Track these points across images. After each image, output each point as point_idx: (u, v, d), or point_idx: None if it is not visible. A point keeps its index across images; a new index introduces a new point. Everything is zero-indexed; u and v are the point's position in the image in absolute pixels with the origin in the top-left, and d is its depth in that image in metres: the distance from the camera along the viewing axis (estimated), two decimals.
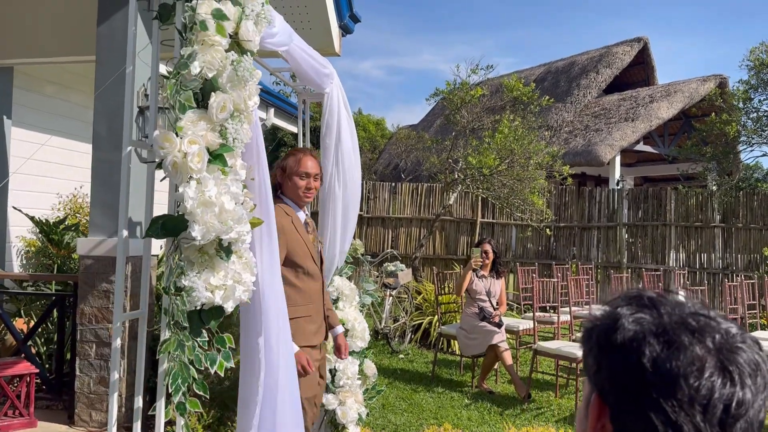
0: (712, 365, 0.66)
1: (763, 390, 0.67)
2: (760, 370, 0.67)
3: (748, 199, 10.49)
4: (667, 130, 15.42)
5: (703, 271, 10.48)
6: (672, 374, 0.66)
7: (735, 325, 0.71)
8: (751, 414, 0.65)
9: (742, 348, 0.68)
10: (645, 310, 0.73)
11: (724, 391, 0.65)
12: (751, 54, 10.60)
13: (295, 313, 2.87)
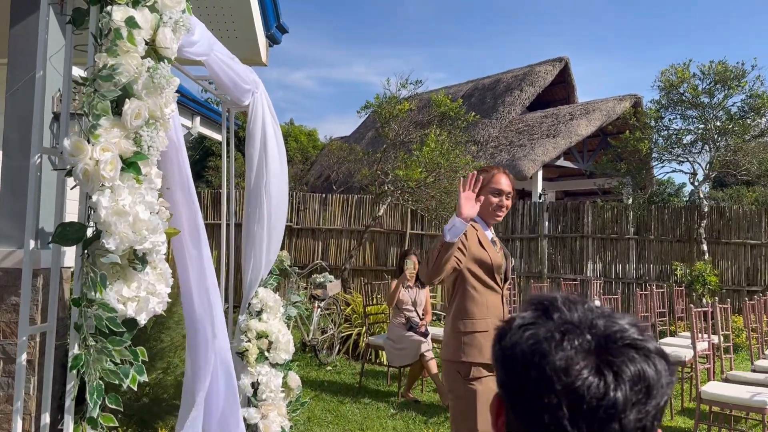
0: (586, 366, 0.68)
1: (643, 397, 0.68)
2: (644, 378, 0.68)
3: (660, 212, 11.15)
4: (586, 147, 16.19)
5: (618, 280, 11.03)
6: (546, 374, 0.69)
7: (637, 331, 0.73)
8: (624, 418, 0.67)
9: (630, 353, 0.70)
10: (536, 315, 0.76)
11: (595, 392, 0.67)
12: (662, 75, 11.30)
13: (473, 326, 2.78)
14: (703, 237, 10.41)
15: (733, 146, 10.83)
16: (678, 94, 11.15)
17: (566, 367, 0.69)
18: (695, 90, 10.86)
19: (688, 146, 11.29)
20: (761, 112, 10.80)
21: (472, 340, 2.75)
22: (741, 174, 11.37)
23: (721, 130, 10.70)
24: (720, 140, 10.84)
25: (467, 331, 2.76)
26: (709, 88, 10.86)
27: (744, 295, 9.95)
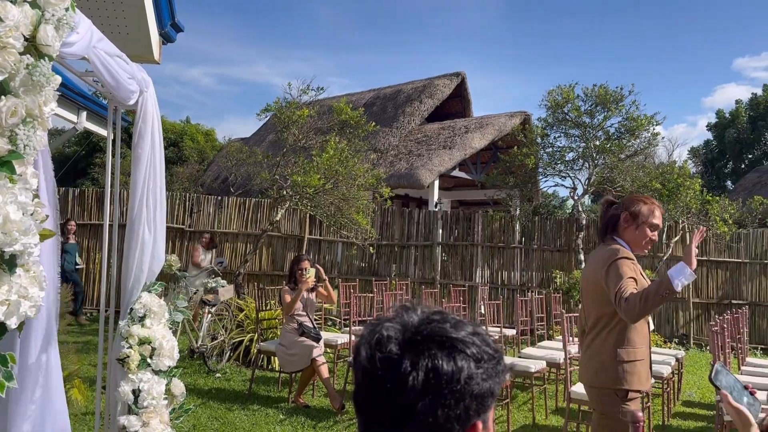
0: (395, 352, 0.83)
1: (439, 389, 0.80)
2: (439, 372, 0.81)
3: (543, 224, 11.90)
4: (480, 159, 16.93)
5: (503, 287, 11.64)
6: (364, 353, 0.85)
7: (455, 332, 0.85)
8: (419, 404, 0.80)
9: (434, 350, 0.83)
10: (395, 314, 0.90)
11: (389, 372, 0.81)
12: (549, 95, 12.07)
13: (635, 355, 2.78)
14: (581, 247, 11.21)
15: (610, 164, 11.75)
16: (563, 114, 11.95)
17: (380, 348, 0.84)
18: (578, 111, 11.69)
19: (570, 163, 12.11)
20: (635, 133, 11.80)
21: (633, 368, 2.81)
22: (616, 190, 12.35)
23: (600, 149, 11.58)
24: (598, 158, 11.73)
25: (629, 360, 2.81)
26: (590, 110, 11.74)
27: None
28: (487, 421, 0.87)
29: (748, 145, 31.86)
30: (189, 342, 7.20)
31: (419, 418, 0.80)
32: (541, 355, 6.44)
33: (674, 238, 11.20)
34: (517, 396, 6.68)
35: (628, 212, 2.95)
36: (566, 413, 4.98)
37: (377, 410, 0.82)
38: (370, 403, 0.83)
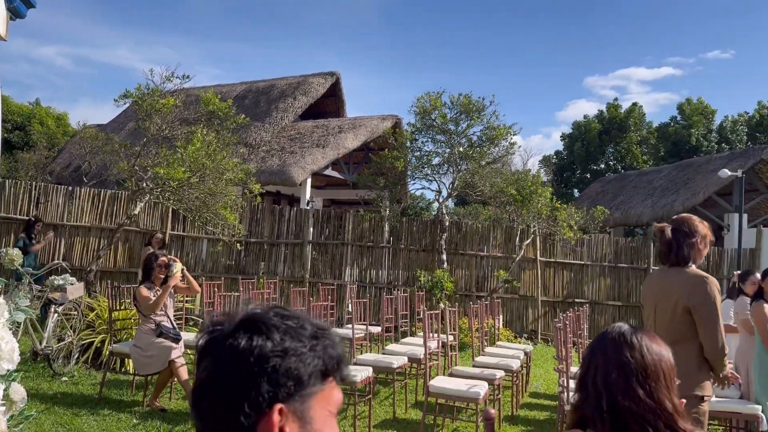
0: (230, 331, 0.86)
1: (232, 366, 0.82)
2: (237, 350, 0.83)
3: (410, 224, 12.29)
4: (352, 159, 17.13)
5: (371, 285, 11.87)
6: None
7: (277, 316, 0.87)
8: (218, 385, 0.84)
9: (241, 332, 0.85)
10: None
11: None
12: (418, 101, 12.51)
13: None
14: (444, 248, 11.73)
15: (472, 170, 12.41)
16: (430, 120, 12.43)
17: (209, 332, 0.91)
18: (444, 118, 12.22)
19: (436, 167, 12.64)
20: (495, 142, 12.55)
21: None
22: (477, 194, 13.07)
23: (463, 155, 12.19)
24: (462, 164, 12.34)
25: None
26: (455, 117, 12.32)
27: (474, 300, 11.44)
28: (303, 413, 0.83)
29: (594, 158, 35.08)
30: (32, 343, 6.58)
31: (210, 393, 0.83)
32: (404, 351, 6.66)
33: (526, 240, 12.06)
34: (380, 392, 6.85)
35: (701, 235, 3.31)
36: (424, 406, 5.19)
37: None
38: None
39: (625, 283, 12.59)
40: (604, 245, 12.65)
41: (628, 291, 12.57)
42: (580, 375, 1.55)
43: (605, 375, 1.45)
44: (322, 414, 0.86)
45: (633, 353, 1.46)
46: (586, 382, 1.50)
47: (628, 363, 1.44)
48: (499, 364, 6.28)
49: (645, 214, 16.36)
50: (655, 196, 16.74)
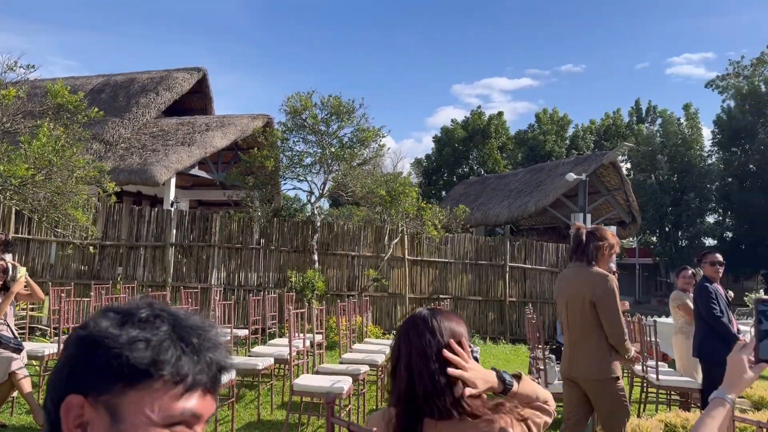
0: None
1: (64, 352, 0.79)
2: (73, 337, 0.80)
3: (281, 225, 12.17)
4: (221, 159, 16.62)
5: (240, 288, 11.61)
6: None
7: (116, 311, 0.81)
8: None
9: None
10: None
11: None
12: (288, 101, 12.42)
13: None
14: (315, 248, 11.75)
15: (344, 171, 12.55)
16: (301, 120, 12.41)
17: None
18: (315, 118, 12.25)
19: (308, 167, 12.63)
20: (365, 143, 12.79)
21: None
22: (348, 195, 13.23)
23: (335, 156, 12.30)
24: (333, 165, 12.44)
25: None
26: (326, 118, 12.39)
27: (346, 299, 11.57)
28: (114, 408, 0.75)
29: (459, 162, 36.84)
30: None
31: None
32: (271, 353, 6.59)
33: (394, 240, 12.41)
34: (245, 395, 6.73)
35: (607, 241, 3.81)
36: (288, 405, 5.18)
37: None
38: None
39: (485, 279, 13.36)
40: (466, 243, 13.33)
41: (487, 286, 13.34)
42: (390, 362, 1.65)
43: (408, 363, 1.56)
44: (138, 417, 0.74)
45: (433, 336, 1.57)
46: (395, 367, 1.61)
47: (428, 346, 1.56)
48: (365, 359, 6.41)
49: (503, 214, 17.47)
50: (511, 198, 17.93)
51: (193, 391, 0.78)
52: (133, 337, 0.76)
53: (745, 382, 1.46)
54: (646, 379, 6.31)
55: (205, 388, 0.80)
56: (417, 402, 1.53)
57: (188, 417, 0.77)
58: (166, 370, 0.76)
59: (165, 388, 0.76)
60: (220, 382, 0.83)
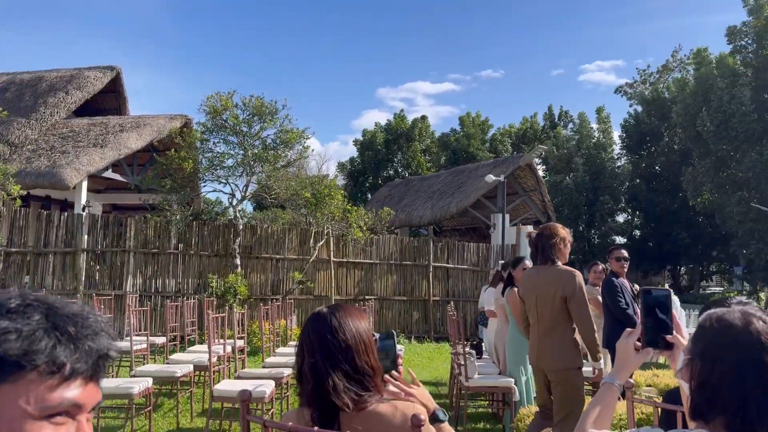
0: None
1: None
2: None
3: (201, 228, 11.85)
4: (137, 161, 15.98)
5: (157, 294, 11.19)
6: None
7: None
8: None
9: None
10: None
11: None
12: (208, 100, 12.12)
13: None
14: (237, 252, 11.51)
15: (267, 173, 12.37)
16: (222, 121, 12.13)
17: None
18: (236, 119, 12.02)
19: (230, 169, 12.36)
20: (289, 145, 12.66)
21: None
22: (272, 197, 13.05)
23: (257, 157, 12.10)
24: (256, 166, 12.23)
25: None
26: (248, 119, 12.18)
27: (269, 303, 11.41)
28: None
29: (383, 164, 37.14)
30: None
31: None
32: (190, 360, 6.40)
33: (320, 242, 12.36)
34: (164, 404, 6.50)
35: (560, 237, 3.97)
36: (209, 411, 5.05)
37: None
38: None
39: (410, 279, 13.53)
40: (390, 245, 13.46)
41: (412, 286, 13.52)
42: (296, 364, 1.68)
43: (313, 365, 1.60)
44: (14, 411, 0.72)
45: (334, 335, 1.62)
46: (300, 369, 1.64)
47: (330, 346, 1.60)
48: (289, 363, 6.34)
49: (426, 216, 17.77)
50: (434, 199, 18.27)
51: (71, 381, 0.76)
52: (3, 329, 0.73)
53: (632, 366, 1.59)
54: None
55: (86, 377, 0.77)
56: (328, 398, 1.56)
57: (68, 407, 0.75)
58: (39, 360, 0.73)
59: (40, 379, 0.73)
60: (103, 370, 0.81)
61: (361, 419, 1.55)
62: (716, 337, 1.30)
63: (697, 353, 1.32)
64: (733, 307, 1.33)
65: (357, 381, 1.58)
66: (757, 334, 1.26)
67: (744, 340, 1.26)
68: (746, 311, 1.32)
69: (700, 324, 1.38)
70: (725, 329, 1.29)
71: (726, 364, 1.26)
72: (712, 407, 1.25)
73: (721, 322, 1.31)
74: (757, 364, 1.23)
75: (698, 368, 1.30)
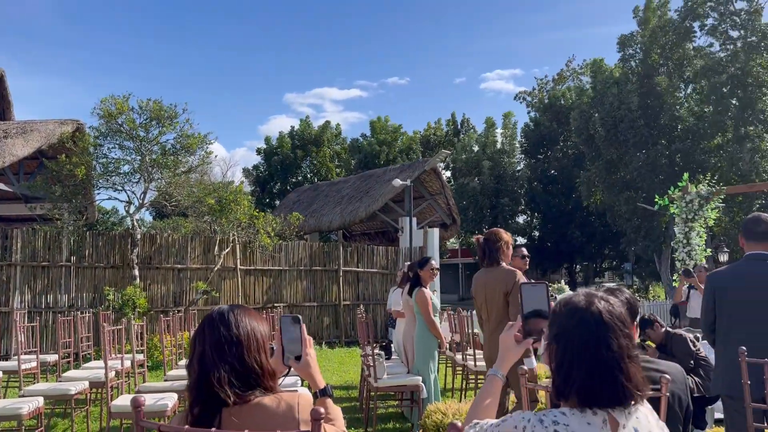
0: None
1: None
2: None
3: (95, 239, 11.20)
4: (23, 169, 14.86)
5: (49, 310, 10.46)
6: None
7: None
8: None
9: None
10: None
11: None
12: (102, 104, 11.49)
13: None
14: (136, 262, 10.98)
15: (167, 179, 11.88)
16: (117, 125, 11.54)
17: None
18: (133, 123, 11.47)
19: (126, 175, 11.78)
20: (190, 150, 12.23)
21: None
22: (173, 205, 12.56)
23: (156, 163, 11.60)
24: (155, 173, 11.73)
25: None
26: (145, 123, 11.65)
27: (171, 315, 10.95)
28: None
29: (291, 170, 36.76)
30: None
31: None
32: (85, 376, 6.04)
33: (225, 250, 12.04)
34: (57, 424, 6.08)
35: (505, 242, 4.36)
36: (107, 428, 4.78)
37: None
38: None
39: (320, 284, 13.47)
40: (300, 250, 13.34)
41: (322, 292, 13.46)
42: (189, 359, 1.67)
43: (201, 354, 1.60)
44: None
45: (228, 329, 1.62)
46: (191, 364, 1.63)
47: (221, 339, 1.60)
48: None
49: (335, 220, 17.77)
50: (343, 204, 18.31)
51: None
52: None
53: (513, 357, 1.70)
54: (466, 366, 6.79)
55: None
56: (212, 390, 1.55)
57: None
58: None
59: None
60: None
61: (245, 412, 1.55)
62: (564, 319, 1.43)
63: (552, 337, 1.45)
64: (579, 291, 1.48)
65: (243, 377, 1.58)
66: (599, 313, 1.40)
67: (587, 319, 1.40)
68: (590, 293, 1.47)
69: (552, 309, 1.52)
70: (572, 311, 1.43)
71: (574, 343, 1.39)
72: (569, 385, 1.38)
73: (567, 305, 1.46)
74: (600, 340, 1.37)
75: (554, 351, 1.43)
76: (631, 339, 1.43)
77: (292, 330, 1.79)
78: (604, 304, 1.44)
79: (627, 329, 1.42)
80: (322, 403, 1.74)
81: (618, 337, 1.39)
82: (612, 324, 1.40)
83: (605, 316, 1.40)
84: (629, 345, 1.41)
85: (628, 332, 1.41)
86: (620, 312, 1.43)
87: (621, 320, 1.41)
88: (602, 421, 1.36)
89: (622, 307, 1.46)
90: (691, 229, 10.21)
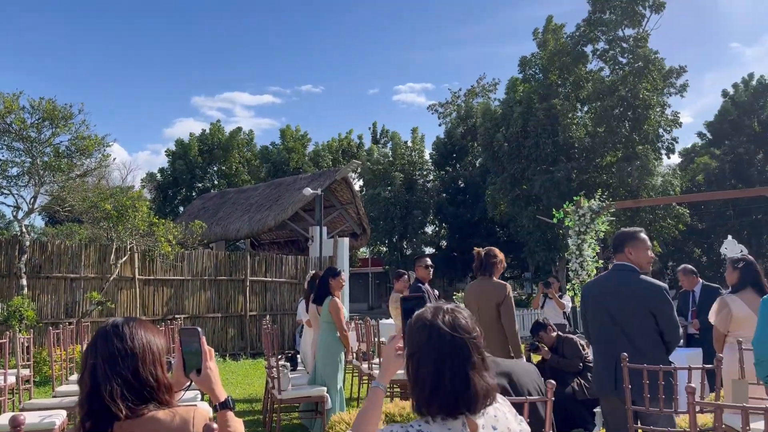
0: None
1: None
2: None
3: None
4: None
5: None
6: None
7: None
8: None
9: None
10: None
11: None
12: None
13: None
14: (24, 271, 10.24)
15: (60, 183, 11.19)
16: (6, 125, 10.75)
17: None
18: (23, 123, 10.73)
19: (14, 179, 10.99)
20: (86, 153, 11.58)
21: None
22: (66, 210, 11.84)
23: (48, 166, 10.89)
24: (47, 176, 11.01)
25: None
26: (37, 123, 10.93)
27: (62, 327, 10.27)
28: None
29: (198, 176, 35.62)
30: None
31: None
32: None
33: (122, 258, 11.48)
34: None
35: (498, 259, 5.00)
36: None
37: None
38: None
39: (225, 294, 13.12)
40: (204, 259, 12.94)
41: (227, 302, 13.11)
42: (80, 373, 1.63)
43: (93, 367, 1.56)
44: None
45: (122, 342, 1.59)
46: (83, 377, 1.59)
47: (115, 351, 1.57)
48: None
49: (243, 229, 17.39)
50: (251, 212, 17.95)
51: None
52: None
53: (394, 369, 1.77)
54: (371, 375, 6.84)
55: None
56: (103, 403, 1.51)
57: None
58: None
59: None
60: None
61: (137, 426, 1.52)
62: (415, 335, 1.54)
63: (408, 354, 1.55)
64: (428, 306, 1.59)
65: (137, 390, 1.55)
66: (443, 326, 1.51)
67: (433, 333, 1.51)
68: (437, 307, 1.59)
69: (407, 325, 1.61)
70: (420, 326, 1.54)
71: (424, 357, 1.49)
72: (426, 398, 1.48)
73: (417, 321, 1.56)
74: (448, 354, 1.47)
75: (410, 367, 1.52)
76: (479, 348, 1.52)
77: (192, 342, 1.75)
78: (448, 317, 1.54)
79: (474, 339, 1.51)
80: (223, 416, 1.72)
81: (465, 348, 1.48)
82: (458, 336, 1.49)
83: (449, 329, 1.50)
84: (477, 352, 1.50)
85: (475, 342, 1.50)
86: (466, 323, 1.53)
87: (467, 330, 1.52)
88: (461, 424, 1.47)
89: (468, 318, 1.55)
90: (583, 241, 10.84)
